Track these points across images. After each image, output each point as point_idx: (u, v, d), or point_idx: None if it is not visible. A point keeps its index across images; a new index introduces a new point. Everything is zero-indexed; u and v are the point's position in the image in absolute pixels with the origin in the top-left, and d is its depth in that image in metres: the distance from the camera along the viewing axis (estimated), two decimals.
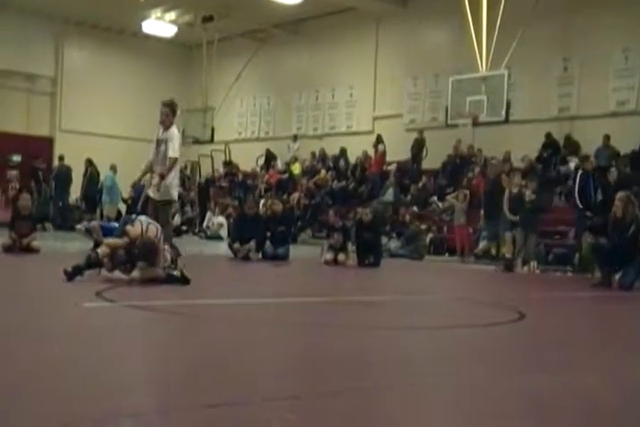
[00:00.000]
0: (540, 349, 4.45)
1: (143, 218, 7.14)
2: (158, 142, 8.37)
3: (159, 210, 8.32)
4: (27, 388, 2.85)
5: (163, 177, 8.18)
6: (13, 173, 20.29)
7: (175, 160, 8.28)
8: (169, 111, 8.44)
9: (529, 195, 11.98)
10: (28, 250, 9.96)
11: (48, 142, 24.35)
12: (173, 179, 8.42)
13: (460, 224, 15.17)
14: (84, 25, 25.00)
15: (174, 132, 8.41)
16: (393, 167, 19.60)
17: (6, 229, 10.22)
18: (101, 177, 20.35)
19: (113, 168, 19.79)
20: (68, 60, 25.01)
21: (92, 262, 6.63)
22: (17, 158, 23.39)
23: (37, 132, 24.18)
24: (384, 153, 19.72)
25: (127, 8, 22.14)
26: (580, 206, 12.04)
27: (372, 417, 2.67)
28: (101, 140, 24.19)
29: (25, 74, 23.86)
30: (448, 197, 16.53)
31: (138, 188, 11.35)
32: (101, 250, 6.72)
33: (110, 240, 6.92)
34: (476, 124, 16.54)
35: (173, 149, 8.23)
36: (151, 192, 8.35)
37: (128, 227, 6.89)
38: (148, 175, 8.46)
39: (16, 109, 23.56)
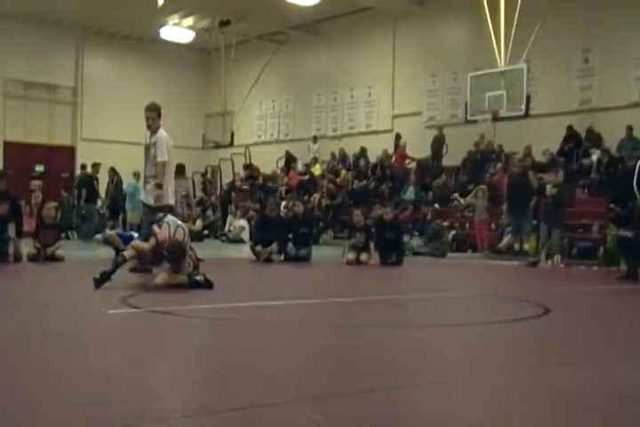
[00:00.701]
0: (567, 343, 4.42)
1: (171, 219, 7.10)
2: (148, 147, 8.31)
3: (145, 213, 8.33)
4: (55, 393, 2.89)
5: (160, 186, 8.10)
6: (37, 182, 20.48)
7: (164, 164, 8.13)
8: (155, 115, 8.33)
9: (550, 189, 11.89)
10: (53, 259, 10.07)
11: (70, 151, 24.60)
12: (167, 183, 8.21)
13: (480, 220, 15.09)
14: (102, 34, 25.23)
15: (161, 135, 8.26)
16: (413, 165, 19.56)
17: (31, 239, 10.34)
18: (124, 184, 20.44)
19: (136, 175, 19.78)
20: (87, 69, 25.25)
21: (119, 265, 6.70)
22: (40, 168, 23.66)
23: (59, 142, 24.44)
24: (405, 146, 19.65)
25: (145, 15, 22.29)
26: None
27: (400, 416, 2.66)
28: (122, 148, 24.30)
29: (47, 85, 24.11)
30: (467, 199, 16.51)
31: None
32: (128, 253, 6.78)
33: (137, 243, 6.97)
34: (495, 119, 16.44)
35: (162, 153, 8.12)
36: (146, 198, 8.31)
37: (155, 228, 6.91)
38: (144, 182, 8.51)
39: (39, 120, 23.83)
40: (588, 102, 17.14)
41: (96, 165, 19.50)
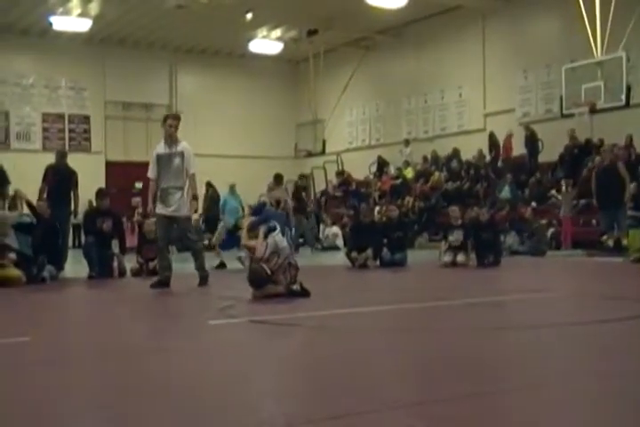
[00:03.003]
0: None
1: (277, 240, 6.80)
2: (169, 157, 8.16)
3: (183, 226, 8.30)
4: (155, 402, 2.96)
5: (197, 198, 8.22)
6: (137, 199, 21.20)
7: (194, 176, 8.17)
8: (178, 124, 8.32)
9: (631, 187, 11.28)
10: (155, 273, 10.34)
11: None
12: (188, 194, 8.23)
13: (565, 215, 14.53)
14: (193, 52, 25.97)
15: (187, 146, 8.25)
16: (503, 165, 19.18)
17: (134, 254, 10.69)
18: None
19: (231, 188, 19.93)
20: (180, 87, 26.03)
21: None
22: (139, 185, 24.47)
23: None
24: (511, 136, 19.16)
25: (233, 30, 22.82)
26: None
27: (499, 421, 2.60)
28: (218, 161, 24.91)
29: (143, 104, 25.00)
30: (552, 192, 15.96)
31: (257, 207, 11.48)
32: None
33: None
34: (593, 111, 15.89)
35: (193, 165, 8.15)
36: (173, 210, 8.12)
37: (259, 241, 6.79)
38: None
39: (137, 139, 24.69)
40: None
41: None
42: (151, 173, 8.32)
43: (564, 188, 14.91)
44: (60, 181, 10.79)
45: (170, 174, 8.14)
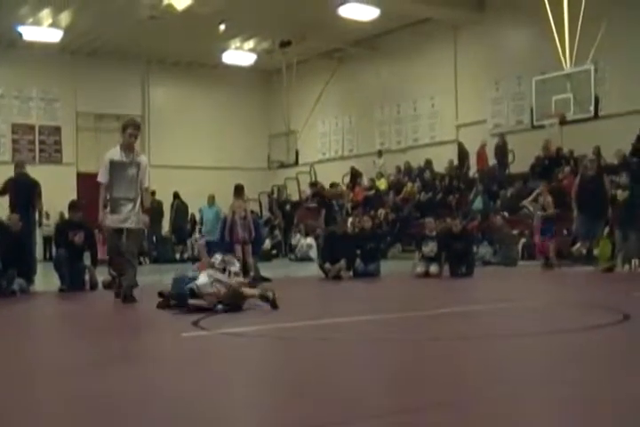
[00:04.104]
0: None
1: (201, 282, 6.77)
2: (124, 165, 7.77)
3: (134, 238, 7.95)
4: (130, 415, 2.94)
5: (149, 212, 8.06)
6: None
7: (148, 189, 8.00)
8: (138, 134, 7.96)
9: (620, 194, 11.45)
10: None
11: None
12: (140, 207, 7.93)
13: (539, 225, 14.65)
14: (166, 62, 25.93)
15: (144, 158, 8.00)
16: (476, 175, 19.30)
17: (106, 267, 10.56)
18: (191, 209, 20.69)
19: (209, 199, 19.63)
20: (153, 98, 25.94)
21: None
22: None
23: None
24: (485, 146, 19.30)
25: (207, 41, 22.81)
26: None
27: None
28: (191, 173, 24.87)
29: (115, 115, 24.80)
30: (524, 202, 16.02)
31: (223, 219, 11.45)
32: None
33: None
34: (563, 122, 16.09)
35: (148, 179, 7.88)
36: (130, 223, 7.80)
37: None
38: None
39: (109, 150, 24.48)
40: None
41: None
42: (103, 178, 7.86)
43: (539, 197, 14.98)
44: (20, 192, 10.65)
45: (123, 184, 7.78)
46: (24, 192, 10.68)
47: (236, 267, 7.20)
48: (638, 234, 11.81)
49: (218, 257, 7.21)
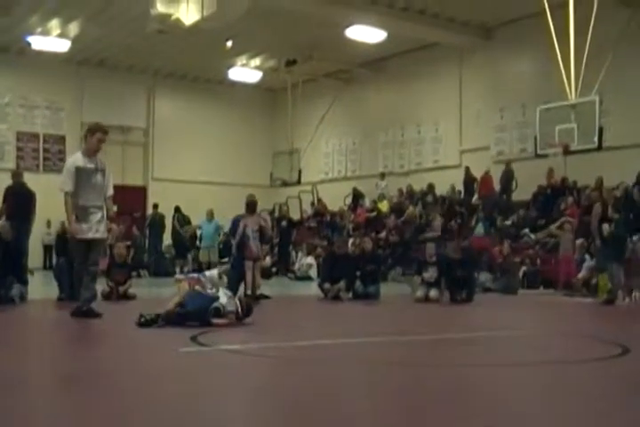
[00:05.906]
0: None
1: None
2: (90, 172, 7.43)
3: (99, 248, 7.68)
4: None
5: (113, 220, 8.02)
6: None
7: (111, 197, 7.69)
8: (105, 140, 7.61)
9: (606, 228, 11.27)
10: (125, 297, 10.23)
11: (142, 191, 25.21)
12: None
13: (566, 254, 14.62)
14: (172, 77, 26.04)
15: (106, 165, 7.69)
16: (478, 202, 19.32)
17: (104, 277, 10.52)
18: (195, 223, 20.66)
19: (208, 214, 19.61)
20: (158, 111, 26.01)
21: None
22: (114, 208, 24.24)
23: (131, 182, 25.06)
24: (489, 172, 19.35)
25: (213, 57, 22.96)
26: None
27: None
28: (193, 187, 24.88)
29: (120, 127, 24.88)
30: (551, 227, 16.04)
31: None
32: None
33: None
34: (566, 152, 16.11)
35: (112, 186, 7.65)
36: (99, 233, 7.48)
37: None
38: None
39: (112, 161, 24.37)
40: None
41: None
42: (68, 186, 7.36)
43: (567, 225, 14.97)
44: (20, 202, 10.67)
45: (90, 191, 7.43)
46: (21, 202, 10.70)
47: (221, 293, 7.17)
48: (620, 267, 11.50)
49: (208, 276, 7.41)
